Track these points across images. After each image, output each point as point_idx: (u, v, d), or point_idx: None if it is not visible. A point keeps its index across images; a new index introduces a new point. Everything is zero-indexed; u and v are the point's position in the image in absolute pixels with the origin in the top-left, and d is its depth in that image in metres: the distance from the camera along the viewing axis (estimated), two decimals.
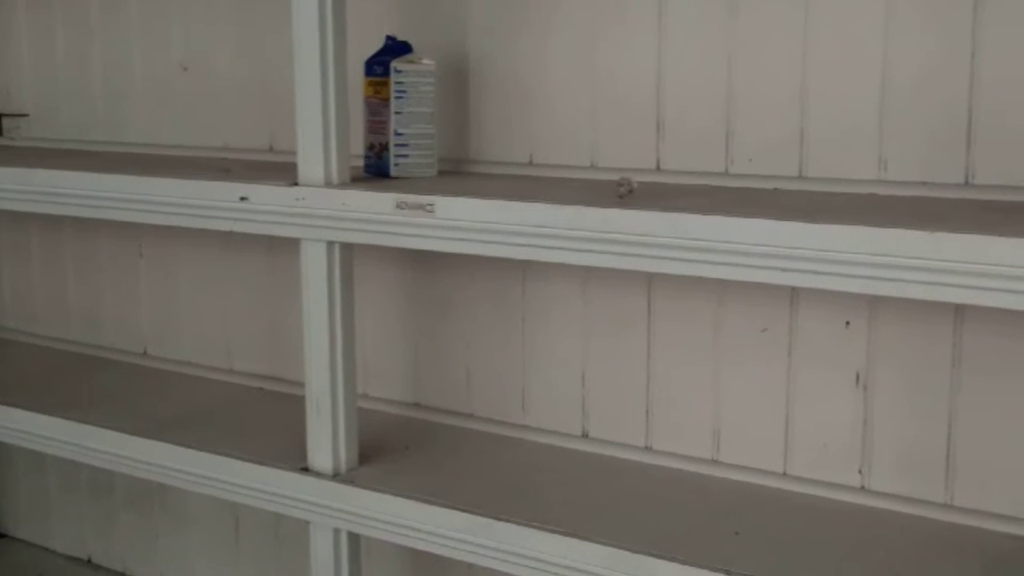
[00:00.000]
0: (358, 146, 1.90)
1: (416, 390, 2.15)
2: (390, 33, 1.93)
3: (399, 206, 1.69)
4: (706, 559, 1.52)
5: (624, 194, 1.60)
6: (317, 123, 1.78)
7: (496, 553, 1.68)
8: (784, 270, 1.41)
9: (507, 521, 1.67)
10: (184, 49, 2.38)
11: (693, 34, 1.77)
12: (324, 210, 1.77)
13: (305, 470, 1.89)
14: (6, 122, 2.74)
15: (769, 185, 1.73)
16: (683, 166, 1.81)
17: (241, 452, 1.96)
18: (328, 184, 1.79)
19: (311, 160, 1.80)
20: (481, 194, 1.66)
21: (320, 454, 1.87)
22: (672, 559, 1.53)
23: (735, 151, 1.76)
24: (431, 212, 1.66)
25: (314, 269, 1.82)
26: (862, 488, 1.72)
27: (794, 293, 1.73)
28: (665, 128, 1.82)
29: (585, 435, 1.96)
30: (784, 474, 1.78)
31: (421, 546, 1.76)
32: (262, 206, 1.83)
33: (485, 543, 1.69)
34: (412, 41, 1.92)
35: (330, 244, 1.80)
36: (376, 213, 1.71)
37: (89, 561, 2.76)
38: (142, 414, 2.19)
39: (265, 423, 2.13)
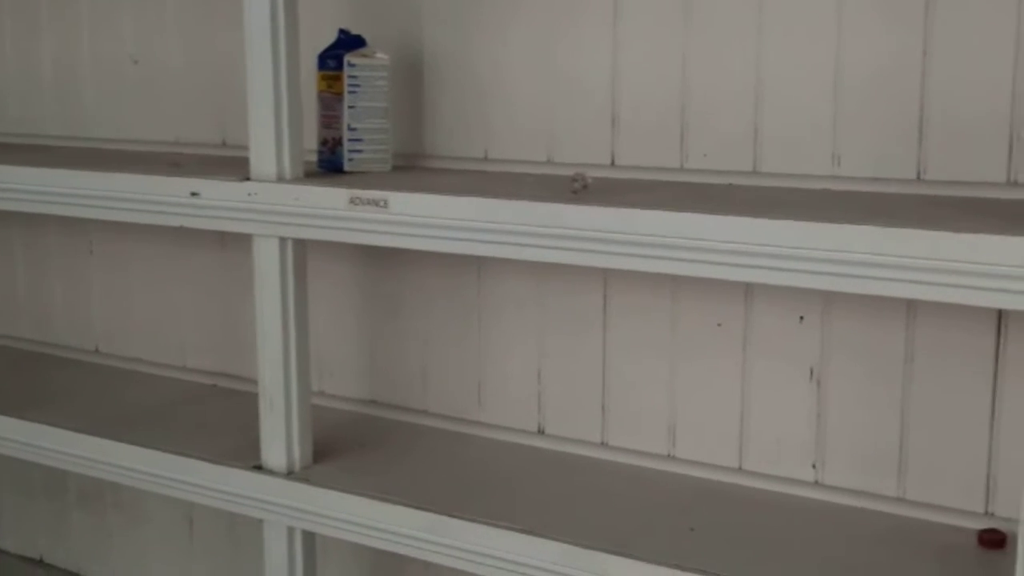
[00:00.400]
0: (312, 141, 1.88)
1: (372, 387, 2.14)
2: (343, 27, 1.92)
3: (352, 201, 1.68)
4: (661, 555, 1.52)
5: (578, 189, 1.59)
6: (269, 118, 1.76)
7: (452, 551, 1.67)
8: (738, 266, 1.41)
9: (463, 519, 1.66)
10: (135, 42, 2.35)
11: (649, 30, 1.77)
12: (276, 205, 1.75)
13: (258, 468, 1.87)
14: None
15: (723, 181, 1.74)
16: (638, 161, 1.81)
17: (194, 450, 1.94)
18: (281, 179, 1.77)
19: (263, 155, 1.78)
20: (435, 189, 1.65)
21: (273, 452, 1.85)
22: (627, 555, 1.53)
23: (690, 147, 1.76)
24: (385, 208, 1.65)
25: (267, 265, 1.80)
26: (816, 483, 1.73)
27: (748, 288, 1.74)
28: (620, 123, 1.82)
29: (541, 431, 1.96)
30: (739, 469, 1.79)
31: (376, 544, 1.75)
32: (213, 201, 1.81)
33: (441, 541, 1.68)
34: (366, 35, 1.91)
35: (283, 240, 1.79)
36: (329, 208, 1.70)
37: (41, 560, 2.73)
38: (94, 412, 2.16)
39: (218, 421, 2.11)
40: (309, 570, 1.88)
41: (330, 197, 1.70)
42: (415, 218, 1.63)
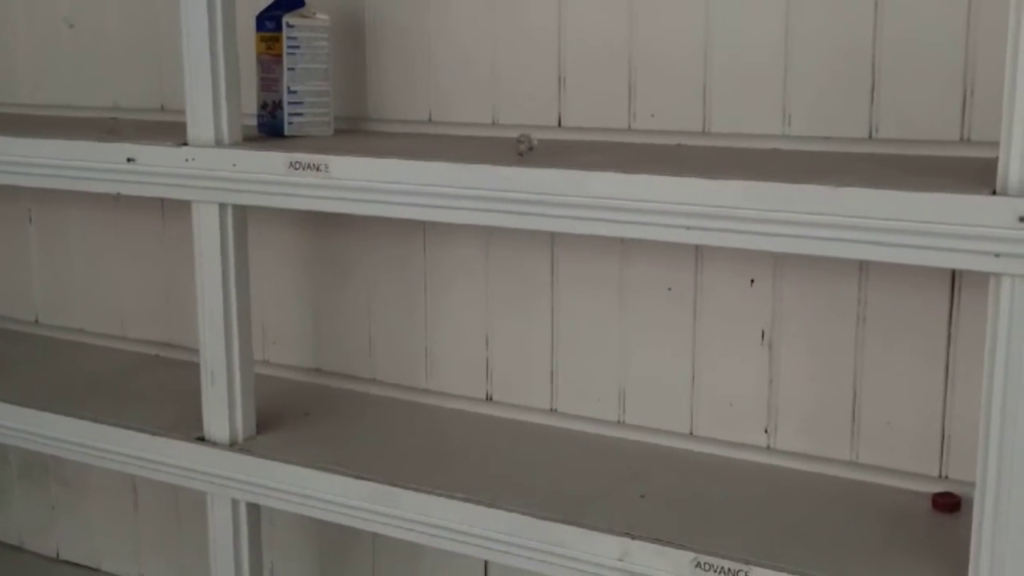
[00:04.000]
0: (252, 105, 1.83)
1: (318, 355, 2.10)
2: None
3: (292, 166, 1.63)
4: (612, 523, 1.49)
5: (524, 151, 1.55)
6: (206, 81, 1.70)
7: (400, 522, 1.64)
8: (688, 228, 1.38)
9: (409, 488, 1.63)
10: (70, 5, 2.28)
11: None
12: (214, 171, 1.70)
13: (201, 440, 1.82)
14: None
15: (672, 141, 1.70)
16: (585, 123, 1.77)
17: (136, 422, 1.89)
18: (219, 144, 1.72)
19: (200, 119, 1.72)
20: (378, 153, 1.60)
21: (216, 423, 1.81)
22: (577, 524, 1.50)
23: (638, 106, 1.72)
24: (325, 172, 1.60)
25: (206, 232, 1.75)
26: (768, 447, 1.71)
27: (698, 251, 1.71)
28: (567, 84, 1.77)
29: (489, 399, 1.93)
30: (690, 434, 1.76)
31: (321, 516, 1.71)
32: (150, 167, 1.76)
33: (387, 512, 1.64)
34: None
35: (222, 206, 1.73)
36: (269, 174, 1.64)
37: None
38: (34, 384, 2.10)
39: (161, 392, 2.06)
40: (255, 542, 1.85)
41: (269, 162, 1.64)
42: (356, 182, 1.58)
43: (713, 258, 1.70)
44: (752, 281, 1.68)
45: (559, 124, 1.79)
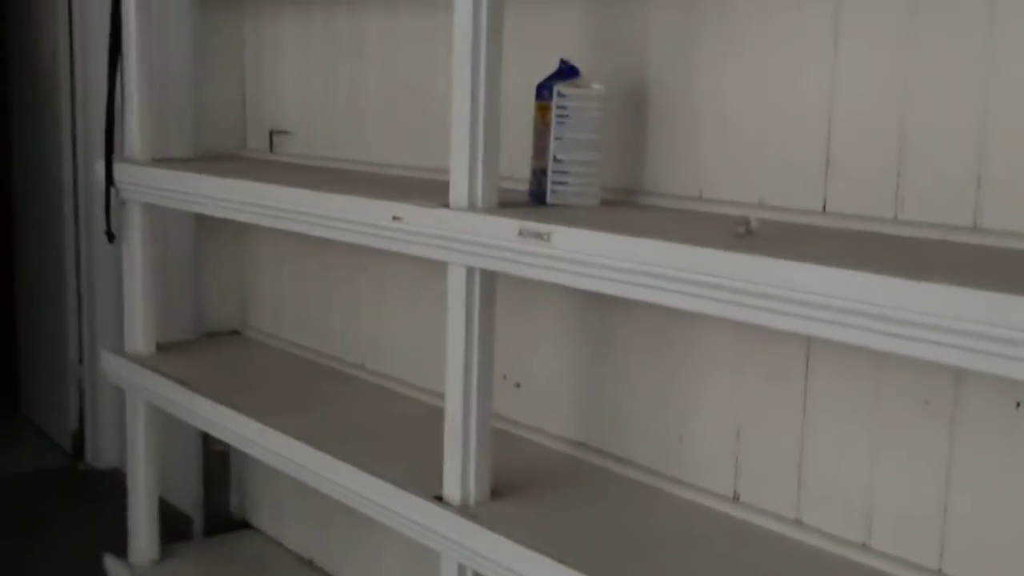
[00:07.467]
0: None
1: (581, 429, 2.05)
2: (568, 57, 1.86)
3: (521, 233, 1.62)
4: None
5: (741, 233, 1.44)
6: (464, 147, 1.74)
7: None
8: (885, 334, 1.21)
9: None
10: (412, 70, 2.42)
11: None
12: (459, 234, 1.73)
13: (439, 499, 1.84)
14: (275, 139, 2.90)
15: (938, 236, 1.51)
16: (848, 209, 1.61)
17: (392, 473, 1.93)
18: (472, 208, 1.74)
19: (458, 184, 1.76)
20: (610, 227, 1.54)
21: (451, 484, 1.82)
22: None
23: (905, 194, 1.55)
24: (547, 242, 1.58)
25: (454, 292, 1.78)
26: None
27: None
28: (832, 166, 1.63)
29: (736, 498, 1.79)
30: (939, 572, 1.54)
31: None
32: (412, 227, 1.82)
33: None
34: (591, 66, 1.84)
35: (469, 269, 1.75)
36: (500, 239, 1.65)
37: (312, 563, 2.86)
38: (325, 422, 2.23)
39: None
40: None
41: (501, 228, 1.65)
42: (574, 254, 1.54)
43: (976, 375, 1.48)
44: (1018, 404, 1.45)
45: (823, 209, 1.65)
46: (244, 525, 3.10)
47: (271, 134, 2.90)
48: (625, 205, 1.88)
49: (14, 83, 4.41)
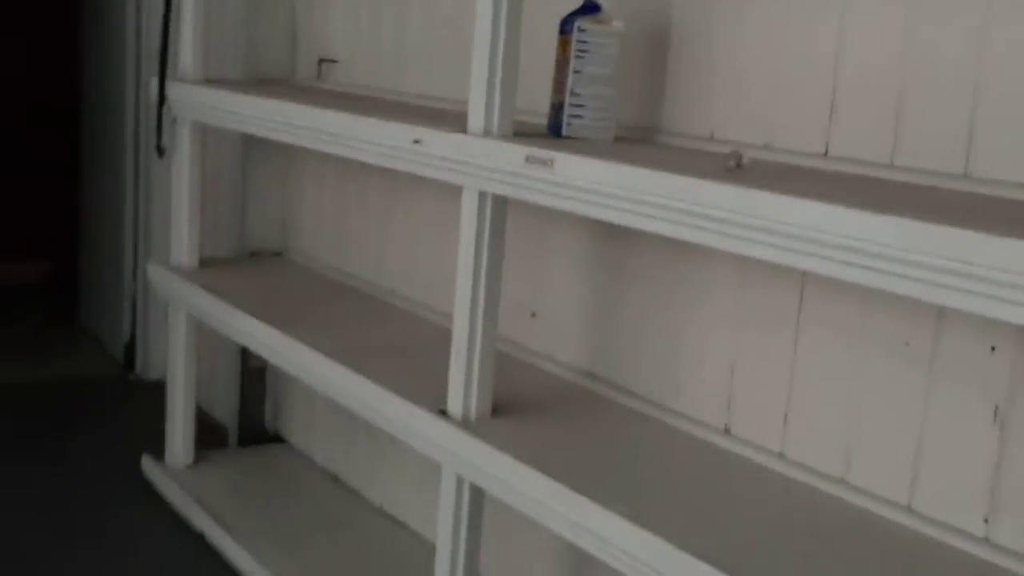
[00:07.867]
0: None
1: (591, 359, 2.12)
2: None
3: (528, 160, 1.68)
4: None
5: (731, 167, 1.49)
6: (483, 76, 1.80)
7: (577, 529, 1.62)
8: (856, 265, 1.27)
9: (596, 501, 1.59)
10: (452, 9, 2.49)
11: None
12: (473, 159, 1.79)
13: (443, 412, 1.92)
14: (323, 67, 2.98)
15: (929, 182, 1.55)
16: (849, 153, 1.66)
17: (402, 388, 2.02)
18: (487, 135, 1.81)
19: (476, 112, 1.82)
20: (613, 157, 1.60)
21: (454, 399, 1.90)
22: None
23: (901, 142, 1.59)
24: (550, 168, 1.64)
25: (466, 216, 1.85)
26: (986, 539, 1.51)
27: (940, 309, 1.54)
28: (836, 114, 1.67)
29: (728, 431, 1.85)
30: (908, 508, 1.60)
31: (512, 502, 1.74)
32: (431, 151, 1.89)
33: (570, 516, 1.63)
34: (616, 3, 1.89)
35: (482, 194, 1.82)
36: (509, 165, 1.71)
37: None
38: (350, 340, 2.33)
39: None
40: (474, 519, 1.91)
41: (511, 153, 1.71)
42: (574, 180, 1.61)
43: (955, 317, 1.53)
44: (993, 348, 1.49)
45: (825, 153, 1.69)
46: (276, 439, 3.22)
47: (320, 62, 2.98)
48: (639, 142, 1.93)
49: (85, 3, 4.53)
